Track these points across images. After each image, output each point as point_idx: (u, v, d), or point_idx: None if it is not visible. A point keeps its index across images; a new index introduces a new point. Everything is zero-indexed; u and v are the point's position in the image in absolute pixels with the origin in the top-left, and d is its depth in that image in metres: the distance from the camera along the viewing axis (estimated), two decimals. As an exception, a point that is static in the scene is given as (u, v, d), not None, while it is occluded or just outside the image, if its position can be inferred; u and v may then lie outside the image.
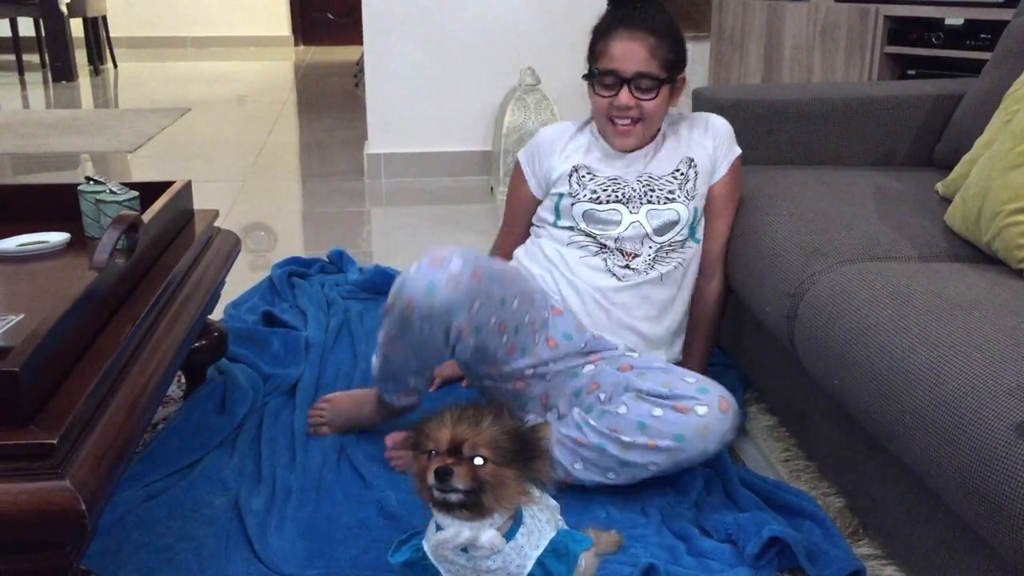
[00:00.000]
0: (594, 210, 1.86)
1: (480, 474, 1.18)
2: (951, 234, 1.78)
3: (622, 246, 1.86)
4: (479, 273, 1.63)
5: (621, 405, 1.66)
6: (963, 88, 2.28)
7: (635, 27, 1.78)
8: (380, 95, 4.00)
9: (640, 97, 1.80)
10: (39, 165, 4.38)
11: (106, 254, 1.41)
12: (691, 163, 1.91)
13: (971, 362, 1.26)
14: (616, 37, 1.79)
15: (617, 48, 1.78)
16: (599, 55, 1.82)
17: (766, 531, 1.51)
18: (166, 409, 2.02)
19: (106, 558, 1.51)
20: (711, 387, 1.67)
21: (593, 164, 1.90)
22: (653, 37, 1.78)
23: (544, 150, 1.94)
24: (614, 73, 1.79)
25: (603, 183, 1.88)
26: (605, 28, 1.81)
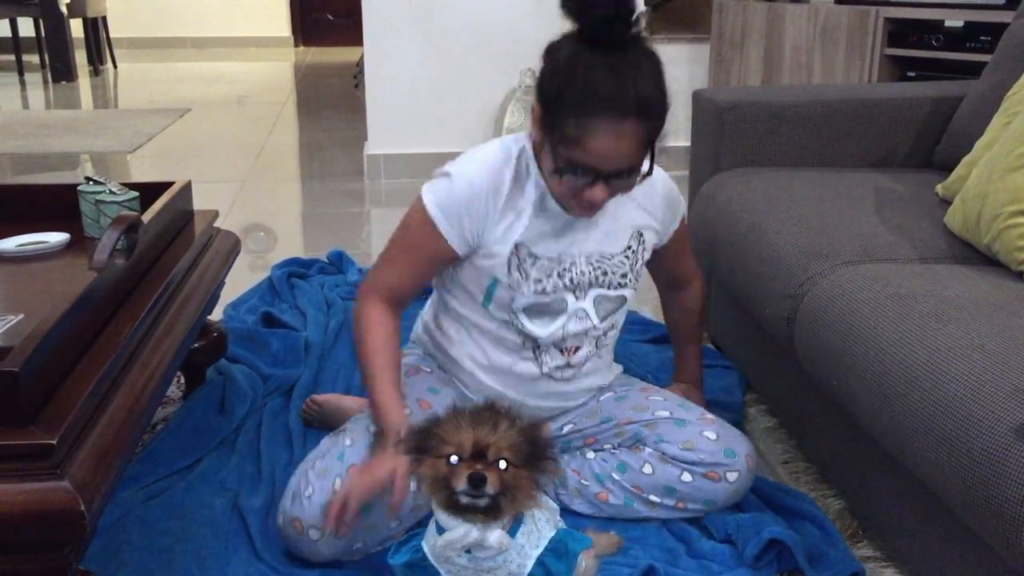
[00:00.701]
0: (538, 303, 1.55)
1: (504, 479, 1.19)
2: (951, 236, 1.78)
3: (563, 344, 1.60)
4: (344, 528, 1.43)
5: (645, 464, 1.60)
6: (963, 90, 2.28)
7: (624, 114, 1.32)
8: (380, 96, 4.00)
9: (618, 186, 1.43)
10: (39, 165, 4.38)
11: (106, 254, 1.41)
12: (640, 238, 1.62)
13: (971, 364, 1.26)
14: (597, 130, 1.32)
15: (599, 143, 1.34)
16: (570, 140, 1.35)
17: (766, 533, 1.52)
18: (165, 410, 2.02)
19: (106, 559, 1.51)
20: (737, 445, 1.60)
21: (536, 242, 1.52)
22: (644, 120, 1.34)
23: (474, 210, 1.50)
24: (590, 169, 1.38)
25: (547, 267, 1.54)
26: (579, 108, 1.32)
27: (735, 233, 1.99)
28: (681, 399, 1.71)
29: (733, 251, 1.98)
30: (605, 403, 1.70)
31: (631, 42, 1.34)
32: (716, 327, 2.32)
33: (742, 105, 2.25)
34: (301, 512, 1.46)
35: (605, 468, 1.64)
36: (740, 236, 1.96)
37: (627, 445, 1.65)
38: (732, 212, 2.05)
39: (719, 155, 2.28)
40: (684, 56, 4.18)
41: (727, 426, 1.65)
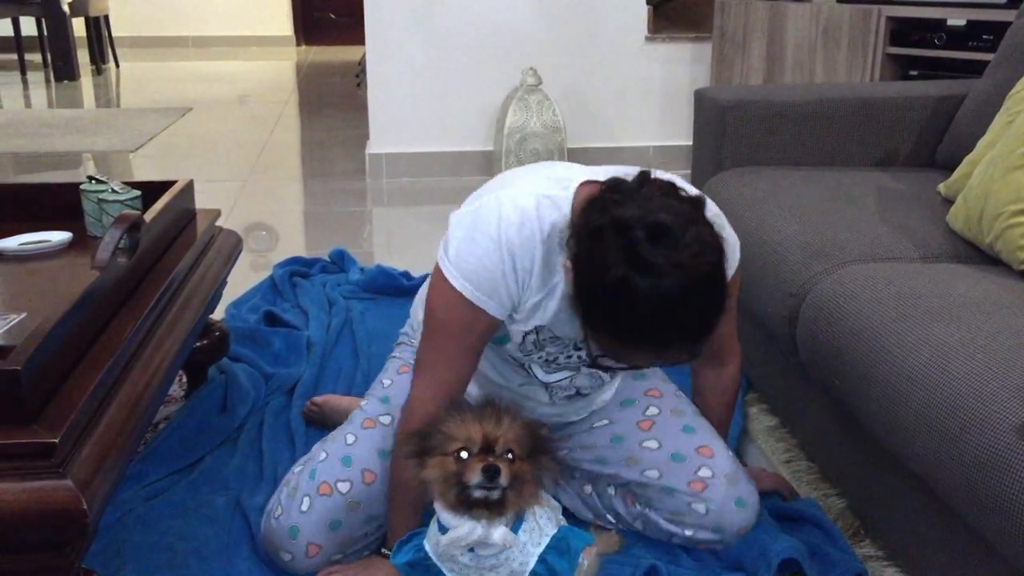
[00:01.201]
0: (550, 365, 1.49)
1: (514, 470, 1.20)
2: (953, 235, 1.78)
3: (572, 383, 1.53)
4: (314, 550, 1.44)
5: (636, 520, 1.57)
6: (965, 89, 2.28)
7: (671, 343, 1.18)
8: (382, 95, 4.00)
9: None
10: (41, 164, 4.38)
11: (108, 253, 1.41)
12: None
13: (973, 363, 1.26)
14: (638, 354, 1.23)
15: (642, 359, 1.27)
16: (605, 345, 1.23)
17: (774, 556, 1.48)
18: (167, 408, 2.02)
19: (107, 557, 1.51)
20: (727, 520, 1.50)
21: (559, 325, 1.38)
22: (696, 343, 1.20)
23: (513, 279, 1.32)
24: (627, 364, 1.30)
25: (567, 348, 1.43)
26: (626, 334, 1.17)
27: (737, 232, 1.98)
28: (677, 434, 1.55)
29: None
30: (600, 438, 1.60)
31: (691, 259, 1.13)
32: (718, 326, 2.32)
33: (744, 104, 2.25)
34: (271, 534, 1.48)
35: (599, 506, 1.62)
36: (742, 235, 1.95)
37: (621, 490, 1.59)
38: (734, 211, 2.04)
39: (721, 154, 2.27)
40: (686, 55, 4.18)
41: (720, 489, 1.50)
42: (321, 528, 1.44)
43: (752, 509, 1.53)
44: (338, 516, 1.45)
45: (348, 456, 1.49)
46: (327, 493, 1.46)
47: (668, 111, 4.20)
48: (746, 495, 1.52)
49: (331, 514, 1.45)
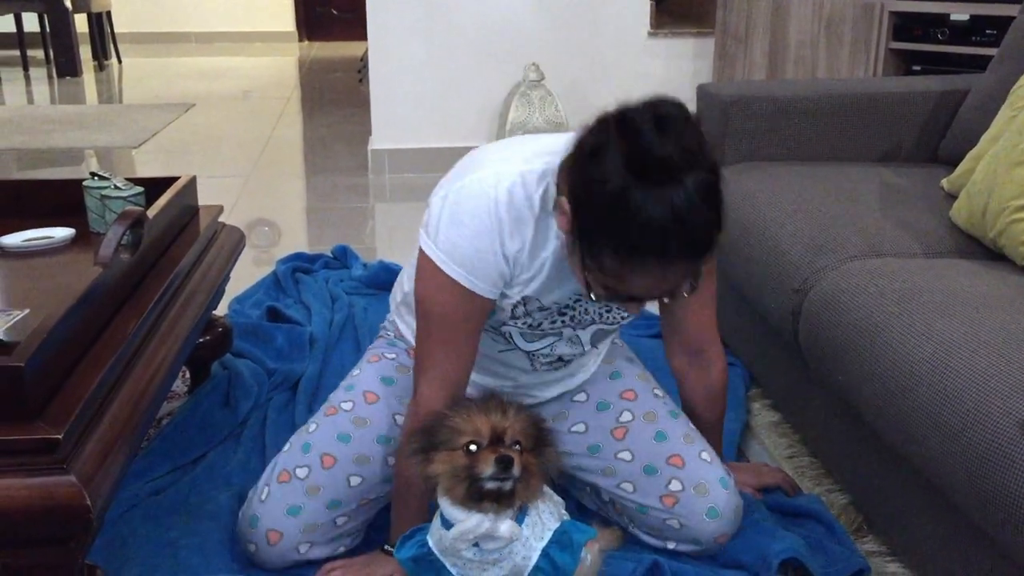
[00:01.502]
0: (531, 333, 1.46)
1: (523, 461, 1.20)
2: (956, 230, 1.78)
3: (552, 350, 1.51)
4: (275, 536, 1.46)
5: (627, 527, 1.58)
6: (968, 84, 2.28)
7: (673, 259, 1.15)
8: (384, 91, 4.00)
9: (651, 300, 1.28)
10: (44, 161, 4.38)
11: (111, 249, 1.42)
12: None
13: (977, 359, 1.26)
14: (641, 270, 1.16)
15: (641, 281, 1.18)
16: (608, 268, 1.18)
17: (774, 557, 1.48)
18: (171, 404, 2.03)
19: (111, 553, 1.52)
20: (702, 531, 1.50)
21: (545, 293, 1.38)
22: (695, 260, 1.18)
23: (502, 253, 1.31)
24: (626, 294, 1.22)
25: (551, 315, 1.42)
26: (623, 240, 1.13)
27: (740, 228, 1.99)
28: (649, 443, 1.54)
29: (737, 246, 1.98)
30: (577, 446, 1.58)
31: (691, 170, 1.11)
32: (721, 322, 2.31)
33: (746, 99, 2.25)
34: (239, 527, 1.52)
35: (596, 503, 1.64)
36: (745, 231, 1.96)
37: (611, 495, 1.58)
38: (736, 207, 2.04)
39: (723, 150, 2.27)
40: (688, 51, 4.17)
41: (691, 502, 1.49)
42: (279, 514, 1.45)
43: (727, 517, 1.51)
44: (296, 501, 1.46)
45: (307, 443, 1.51)
46: (285, 480, 1.48)
47: (671, 106, 4.19)
48: (719, 503, 1.50)
49: (289, 499, 1.46)
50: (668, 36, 4.15)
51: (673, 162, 1.09)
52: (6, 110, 5.59)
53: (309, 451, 1.50)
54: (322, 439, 1.51)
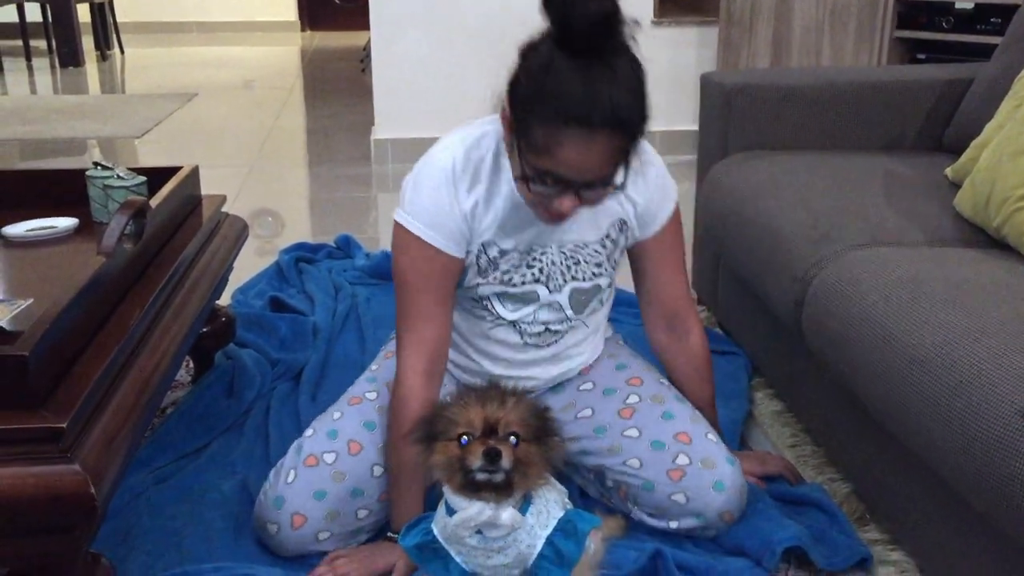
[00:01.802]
0: (506, 291, 1.52)
1: (517, 453, 1.20)
2: (960, 219, 1.78)
3: (536, 319, 1.55)
4: (299, 520, 1.46)
5: (632, 512, 1.58)
6: (973, 72, 2.27)
7: (596, 127, 1.22)
8: (387, 80, 3.99)
9: (589, 197, 1.33)
10: (46, 151, 4.38)
11: (114, 239, 1.42)
12: (622, 226, 1.54)
13: (979, 347, 1.26)
14: (567, 140, 1.23)
15: (568, 155, 1.24)
16: (538, 147, 1.26)
17: (778, 545, 1.49)
18: (174, 394, 2.03)
19: (116, 542, 1.52)
20: (707, 505, 1.50)
21: (505, 237, 1.47)
22: (619, 134, 1.25)
23: (457, 206, 1.44)
24: (559, 178, 1.28)
25: (516, 261, 1.49)
26: (550, 116, 1.23)
27: (743, 217, 1.98)
28: (657, 422, 1.56)
29: (741, 235, 1.98)
30: (584, 429, 1.60)
31: (614, 50, 1.23)
32: (724, 311, 2.32)
33: (750, 88, 2.24)
34: (259, 509, 1.50)
35: (599, 491, 1.65)
36: (748, 220, 1.96)
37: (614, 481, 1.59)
38: (740, 196, 2.04)
39: (727, 138, 2.27)
40: (692, 39, 4.16)
41: (698, 475, 1.51)
42: (306, 497, 1.46)
43: (733, 492, 1.52)
44: (323, 486, 1.46)
45: (334, 430, 1.52)
46: (313, 464, 1.48)
47: (674, 96, 4.19)
48: (726, 478, 1.51)
49: (316, 484, 1.46)
50: (672, 25, 4.13)
51: (598, 32, 1.21)
52: (9, 100, 5.59)
53: (336, 437, 1.51)
54: (349, 426, 1.52)
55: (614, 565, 1.47)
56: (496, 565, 1.26)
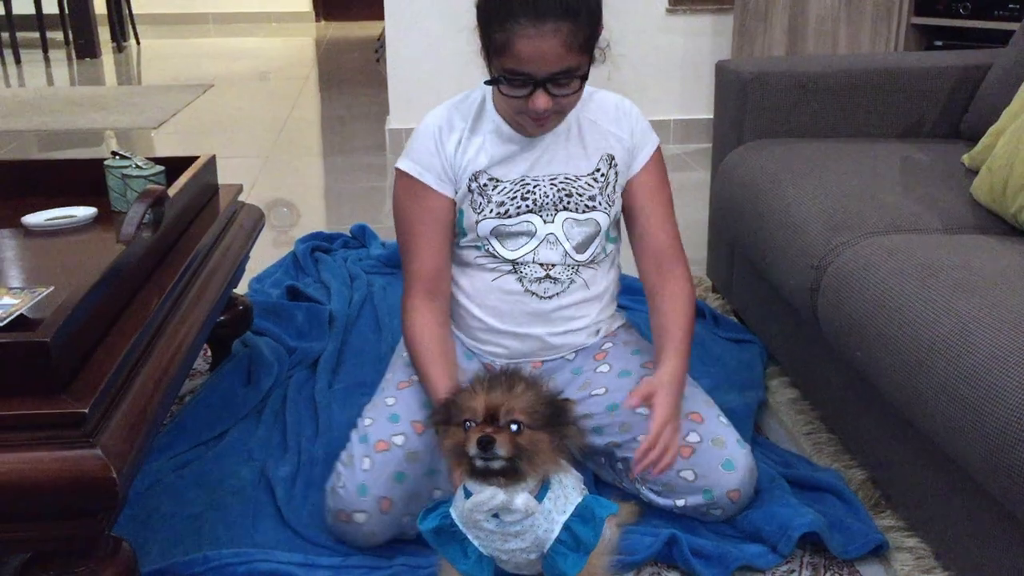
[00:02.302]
0: (502, 226, 1.57)
1: (519, 441, 1.20)
2: (977, 206, 1.77)
3: (536, 259, 1.60)
4: (387, 504, 1.47)
5: (640, 492, 1.60)
6: (991, 59, 2.25)
7: (543, 15, 1.35)
8: (401, 70, 4.00)
9: (560, 93, 1.43)
10: (64, 142, 4.41)
11: (133, 227, 1.43)
12: (611, 161, 1.60)
13: (996, 334, 1.26)
14: (520, 32, 1.36)
15: (524, 47, 1.37)
16: (499, 47, 1.40)
17: (795, 531, 1.49)
18: (192, 382, 2.05)
19: (136, 527, 1.54)
20: (715, 483, 1.51)
21: (496, 168, 1.57)
22: (567, 20, 1.36)
23: (438, 149, 1.58)
24: (524, 75, 1.40)
25: (510, 191, 1.56)
26: (501, 14, 1.37)
27: (758, 204, 1.98)
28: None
29: (756, 222, 1.97)
30: (597, 407, 1.61)
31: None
32: (739, 299, 2.32)
33: (766, 76, 2.23)
34: (340, 503, 1.47)
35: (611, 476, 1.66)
36: (764, 207, 1.96)
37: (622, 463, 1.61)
38: (755, 183, 2.04)
39: (742, 126, 2.26)
40: (707, 27, 4.14)
41: (708, 453, 1.52)
42: (388, 481, 1.46)
43: (742, 472, 1.52)
44: (401, 468, 1.47)
45: (395, 414, 1.53)
46: (385, 448, 1.48)
47: (689, 84, 4.17)
48: (736, 458, 1.52)
49: (394, 466, 1.47)
50: (687, 13, 4.12)
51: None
52: (26, 92, 5.62)
53: (399, 421, 1.52)
54: (407, 409, 1.54)
55: (629, 551, 1.47)
56: (513, 549, 1.27)
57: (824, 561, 1.50)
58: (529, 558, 1.28)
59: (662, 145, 1.69)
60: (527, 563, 1.29)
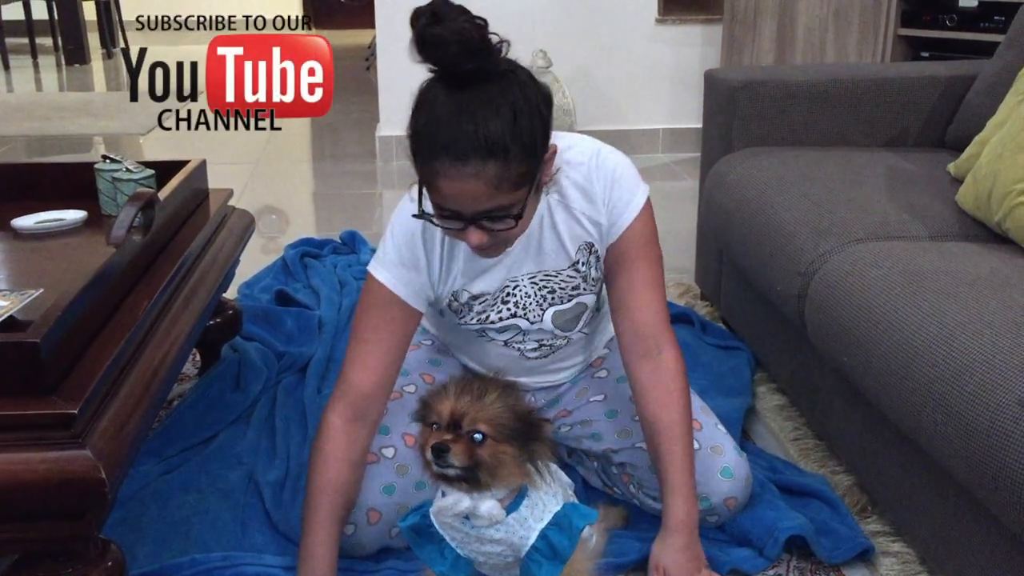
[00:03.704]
0: (487, 328, 1.53)
1: (477, 452, 1.18)
2: (962, 214, 1.79)
3: (525, 345, 1.57)
4: (375, 516, 1.46)
5: (633, 498, 1.61)
6: (976, 69, 2.28)
7: (465, 155, 1.20)
8: (392, 77, 4.01)
9: (494, 228, 1.29)
10: (53, 148, 4.40)
11: (124, 230, 1.43)
12: (590, 248, 1.48)
13: (980, 339, 1.27)
14: (442, 172, 1.22)
15: (446, 187, 1.23)
16: (427, 182, 1.27)
17: (781, 534, 1.50)
18: (181, 386, 2.05)
19: (124, 530, 1.54)
20: (712, 490, 1.51)
21: (475, 283, 1.48)
22: (492, 161, 1.21)
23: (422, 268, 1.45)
24: (452, 212, 1.27)
25: (491, 301, 1.49)
26: (425, 150, 1.24)
27: (746, 212, 1.99)
28: None
29: (744, 230, 1.99)
30: (595, 413, 1.62)
31: (492, 77, 1.23)
32: (727, 306, 2.33)
33: (754, 84, 2.25)
34: None
35: (603, 481, 1.67)
36: (751, 215, 1.97)
37: (619, 468, 1.62)
38: (743, 191, 2.05)
39: (731, 135, 2.28)
40: (697, 37, 4.17)
41: (706, 460, 1.51)
42: (376, 493, 1.46)
43: (739, 480, 1.53)
44: (390, 480, 1.47)
45: (385, 426, 1.52)
46: (375, 461, 1.48)
47: (678, 93, 4.20)
48: (733, 466, 1.53)
49: (383, 479, 1.47)
50: (676, 23, 4.14)
51: (462, 62, 1.22)
52: (15, 97, 5.61)
53: (389, 433, 1.52)
54: (397, 421, 1.53)
55: (618, 554, 1.48)
56: (490, 552, 1.27)
57: (811, 566, 1.51)
58: (506, 560, 1.28)
59: (652, 155, 1.64)
60: (504, 565, 1.29)
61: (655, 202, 1.50)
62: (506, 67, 1.25)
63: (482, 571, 1.32)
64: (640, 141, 4.13)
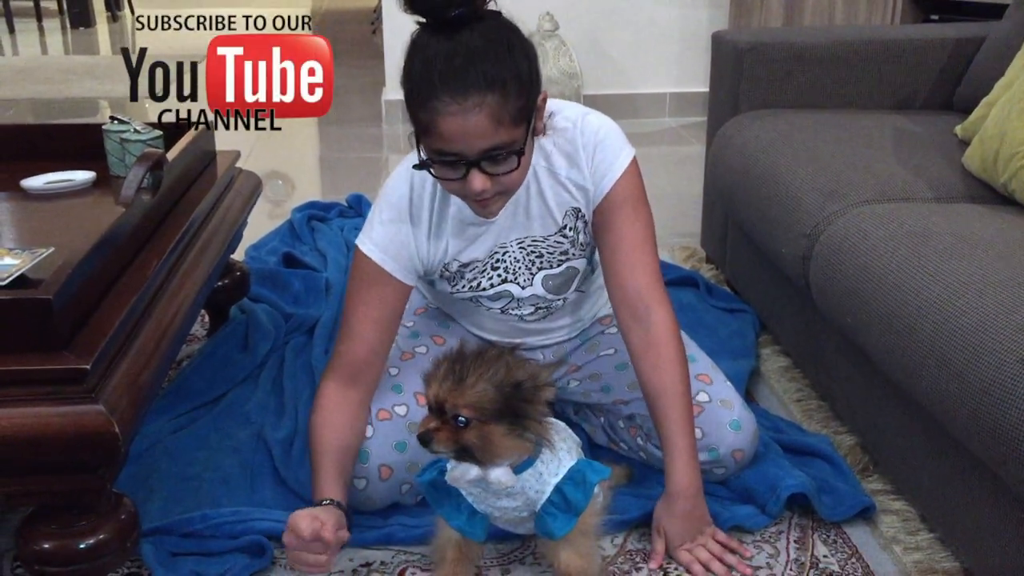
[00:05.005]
0: (479, 296, 1.55)
1: (463, 436, 1.19)
2: (969, 176, 1.79)
3: (520, 308, 1.58)
4: (386, 472, 1.49)
5: (641, 451, 1.64)
6: (985, 31, 2.26)
7: (464, 89, 1.21)
8: (398, 41, 3.94)
9: (496, 172, 1.29)
10: (59, 111, 4.40)
11: (133, 190, 1.44)
12: (577, 213, 1.49)
13: (983, 299, 1.28)
14: (443, 111, 1.23)
15: (448, 125, 1.23)
16: (425, 128, 1.27)
17: (783, 490, 1.52)
18: (190, 347, 2.07)
19: (136, 486, 1.56)
20: (720, 441, 1.53)
21: (465, 252, 1.49)
22: (492, 93, 1.22)
23: (410, 241, 1.46)
24: (453, 156, 1.27)
25: (480, 268, 1.51)
26: (423, 93, 1.24)
27: (752, 174, 2.00)
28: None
29: (750, 192, 1.99)
30: (606, 366, 1.65)
31: (476, 21, 1.25)
32: (732, 269, 2.34)
33: (761, 46, 2.24)
34: None
35: (608, 437, 1.69)
36: (757, 177, 1.97)
37: (626, 422, 1.64)
38: (750, 153, 2.05)
39: (738, 97, 2.27)
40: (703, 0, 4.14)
41: (716, 412, 1.54)
42: (388, 449, 1.48)
43: (748, 433, 1.55)
44: (402, 437, 1.49)
45: (398, 384, 1.55)
46: (387, 418, 1.50)
47: (685, 57, 4.17)
48: (742, 419, 1.55)
49: (395, 436, 1.49)
50: (683, -15, 4.11)
51: (456, 17, 1.24)
52: (20, 60, 5.60)
53: (402, 392, 1.54)
54: (410, 380, 1.55)
55: (622, 510, 1.50)
56: (505, 507, 1.29)
57: (812, 523, 1.53)
58: (521, 515, 1.30)
59: (659, 119, 1.62)
60: (519, 520, 1.32)
61: (661, 166, 1.50)
62: (490, 11, 1.29)
63: (497, 524, 1.35)
64: (647, 105, 4.11)
